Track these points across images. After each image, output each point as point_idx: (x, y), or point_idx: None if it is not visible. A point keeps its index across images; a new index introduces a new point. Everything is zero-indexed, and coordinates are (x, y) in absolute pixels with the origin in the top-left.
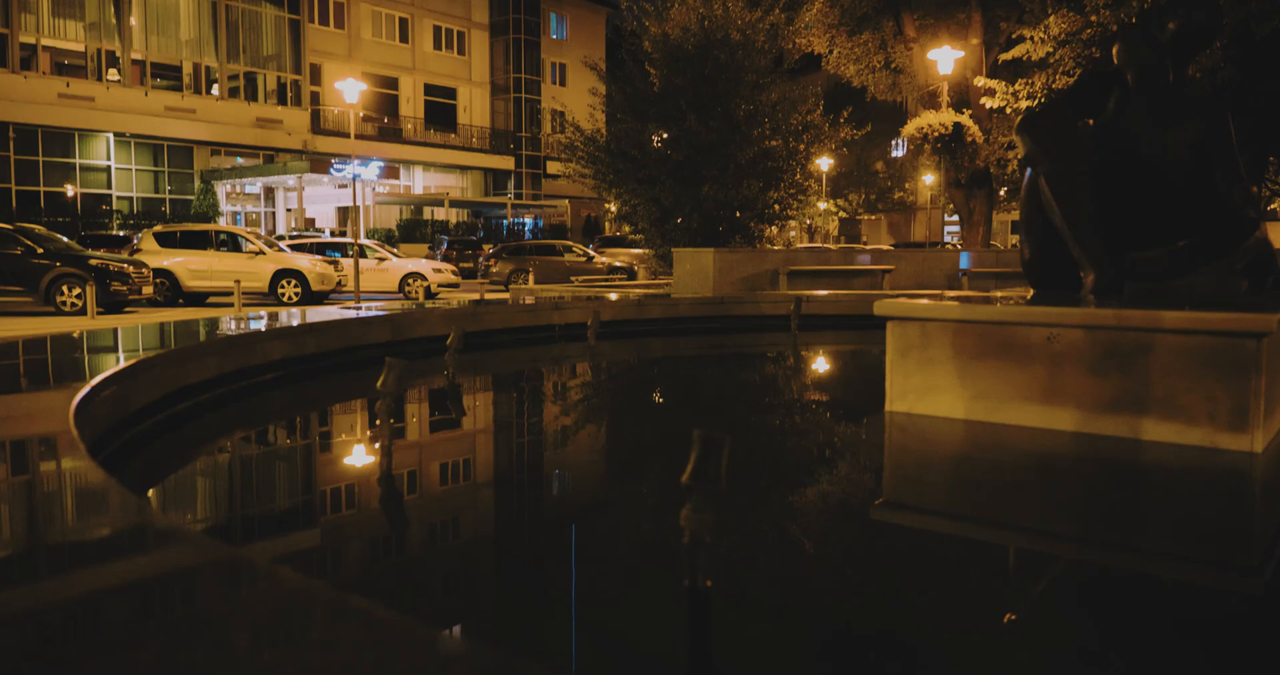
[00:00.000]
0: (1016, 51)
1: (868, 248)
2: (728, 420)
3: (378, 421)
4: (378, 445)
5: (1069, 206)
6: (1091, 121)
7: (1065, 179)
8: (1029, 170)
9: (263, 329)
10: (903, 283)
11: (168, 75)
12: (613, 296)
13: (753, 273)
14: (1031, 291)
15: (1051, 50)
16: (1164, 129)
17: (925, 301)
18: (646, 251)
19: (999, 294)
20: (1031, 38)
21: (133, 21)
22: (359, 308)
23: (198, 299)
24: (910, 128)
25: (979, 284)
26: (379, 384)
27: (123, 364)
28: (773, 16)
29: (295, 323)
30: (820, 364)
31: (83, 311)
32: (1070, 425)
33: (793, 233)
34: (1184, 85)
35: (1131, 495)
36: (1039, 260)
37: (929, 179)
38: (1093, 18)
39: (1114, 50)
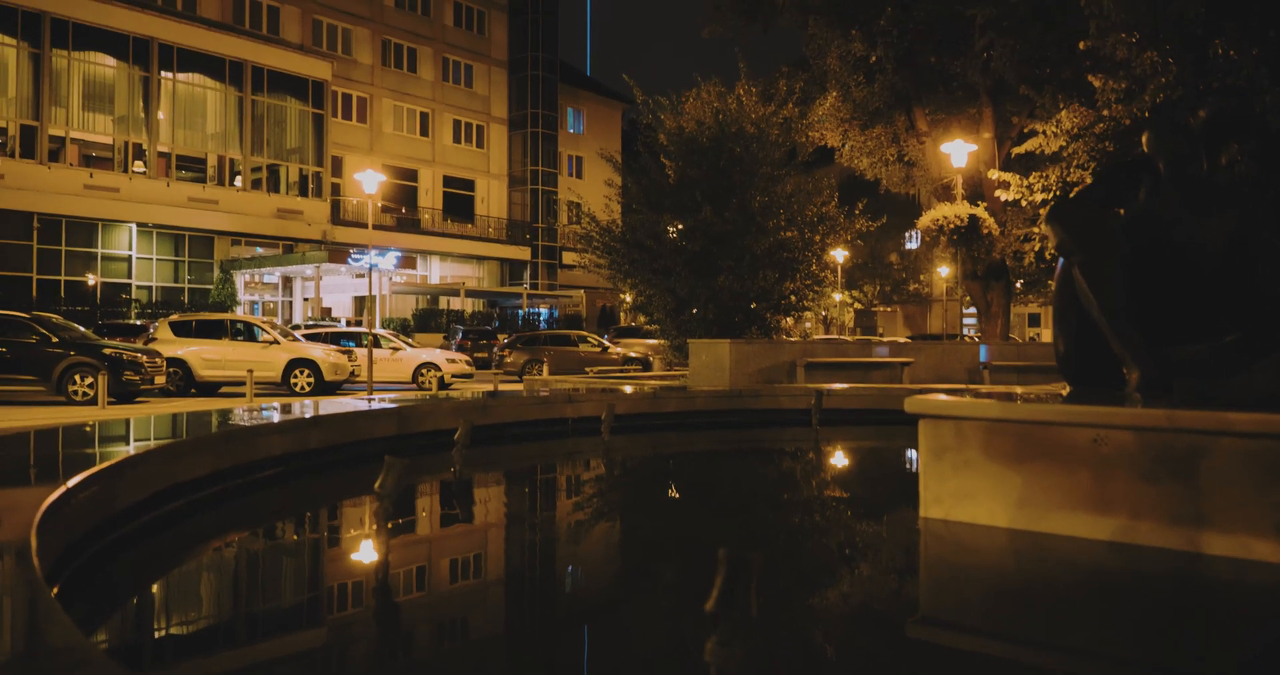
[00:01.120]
0: (1029, 145)
1: (885, 340)
2: (750, 525)
3: (374, 526)
4: (370, 553)
5: (1107, 299)
6: (1122, 211)
7: (1101, 270)
8: (1061, 261)
9: (264, 423)
10: (922, 376)
11: (192, 167)
12: (627, 389)
13: (769, 364)
14: (1068, 388)
15: (1065, 144)
16: (1199, 218)
17: (960, 398)
18: (662, 342)
19: (1033, 390)
20: (1044, 132)
21: (161, 115)
22: (369, 399)
23: (210, 389)
24: (926, 220)
25: (1000, 377)
26: (377, 485)
27: (108, 461)
28: (786, 111)
29: (301, 415)
30: (846, 462)
31: (93, 401)
32: (1122, 536)
33: (808, 324)
34: (1217, 174)
35: (1194, 617)
36: (1075, 354)
37: (944, 271)
38: (1105, 112)
39: (1143, 138)
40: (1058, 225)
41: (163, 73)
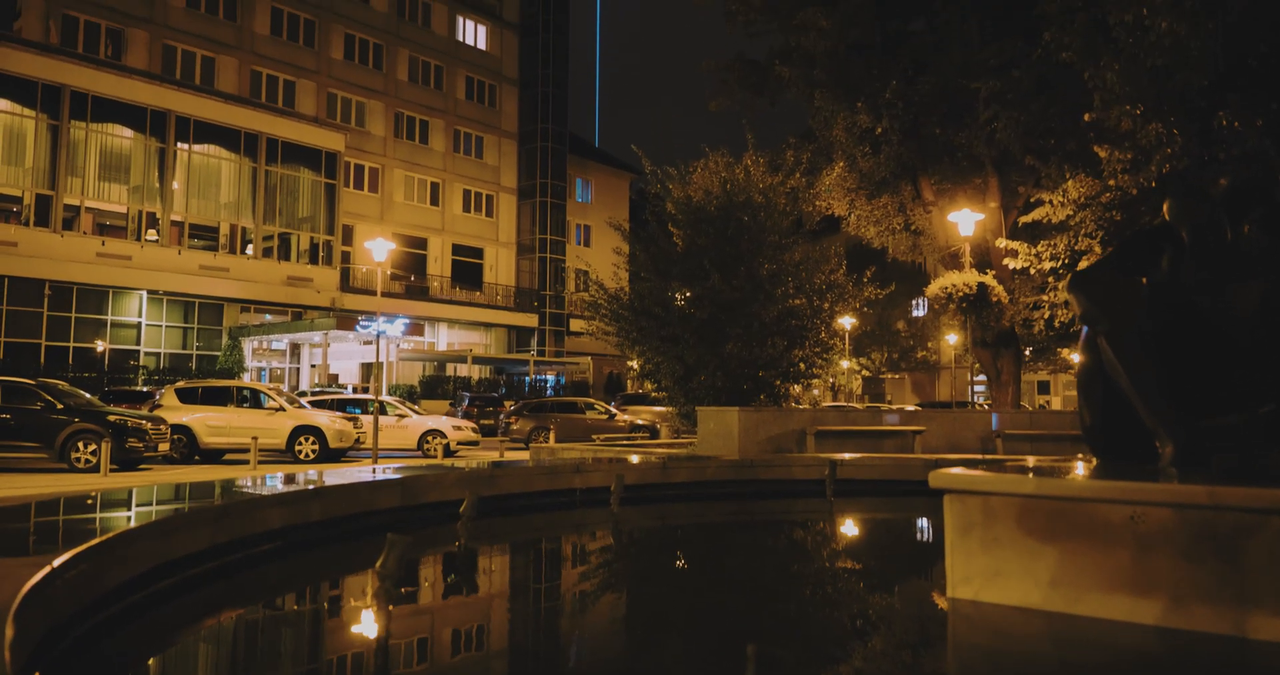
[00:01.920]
0: (1036, 214)
1: (895, 408)
2: (769, 604)
3: (374, 607)
4: (368, 635)
5: (1137, 370)
6: (1144, 280)
7: (1129, 340)
8: (1085, 330)
9: (262, 495)
10: (934, 444)
11: (204, 235)
12: (634, 459)
13: (779, 432)
14: (1093, 459)
15: (1071, 213)
16: (1227, 287)
17: (987, 473)
18: (669, 409)
19: (1058, 463)
20: (1050, 201)
21: (175, 185)
22: (372, 469)
23: (214, 456)
24: (934, 288)
25: (1014, 446)
26: (379, 565)
27: (98, 537)
28: (793, 180)
29: (302, 486)
30: (865, 536)
31: (96, 469)
32: (1163, 619)
33: (816, 391)
34: (1241, 241)
35: None
36: (1102, 426)
37: (952, 338)
38: (1111, 182)
39: (1164, 206)
40: (1081, 294)
41: (179, 144)
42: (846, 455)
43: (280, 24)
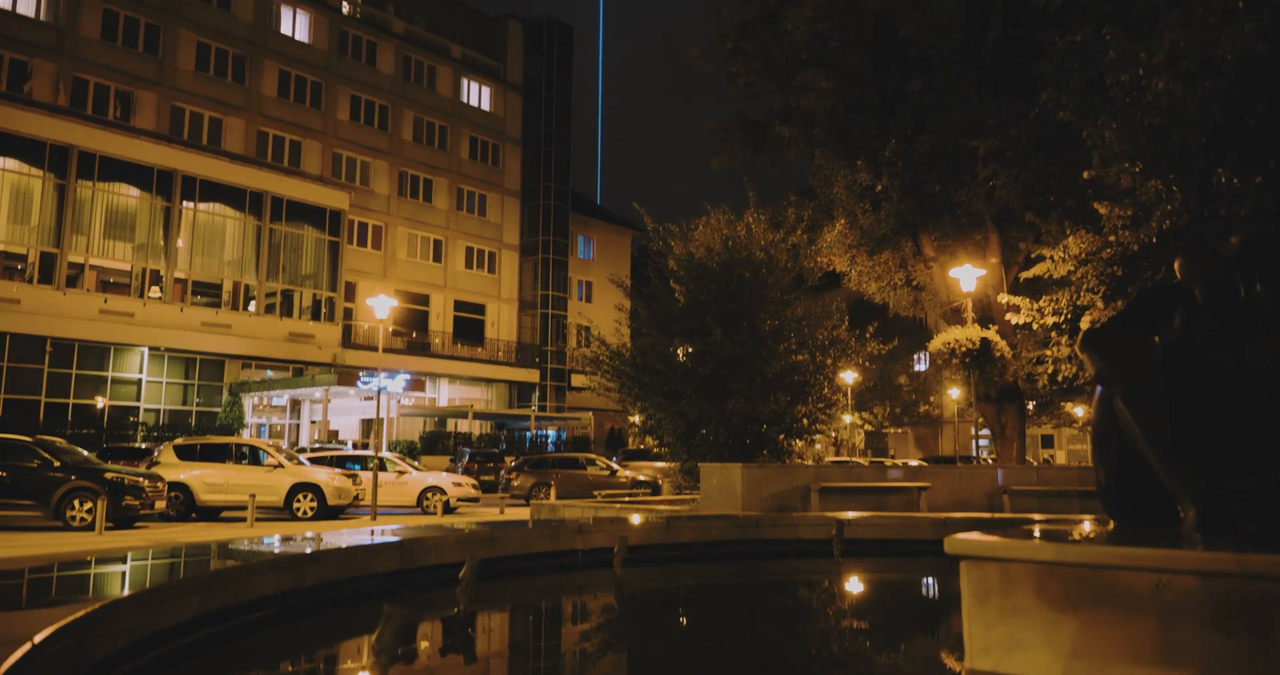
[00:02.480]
0: (1037, 270)
1: (900, 463)
2: (777, 671)
3: None
4: None
5: (1156, 431)
6: (1156, 338)
7: (1146, 400)
8: (1098, 389)
9: (256, 560)
10: (940, 501)
11: (208, 292)
12: (636, 519)
13: (783, 489)
14: (1112, 523)
15: (1073, 268)
16: (1244, 344)
17: (1005, 539)
18: (671, 465)
19: (1073, 525)
20: (1051, 257)
21: (180, 243)
22: (370, 531)
23: (211, 513)
24: (937, 343)
25: (1021, 502)
26: (374, 639)
27: (83, 609)
28: (795, 237)
29: (296, 549)
30: (874, 600)
31: (91, 527)
32: None
33: (819, 446)
34: (1255, 299)
35: None
36: (1119, 488)
37: (954, 393)
38: (1111, 238)
39: (1175, 264)
40: (1094, 353)
41: (184, 202)
42: (853, 514)
43: (287, 86)
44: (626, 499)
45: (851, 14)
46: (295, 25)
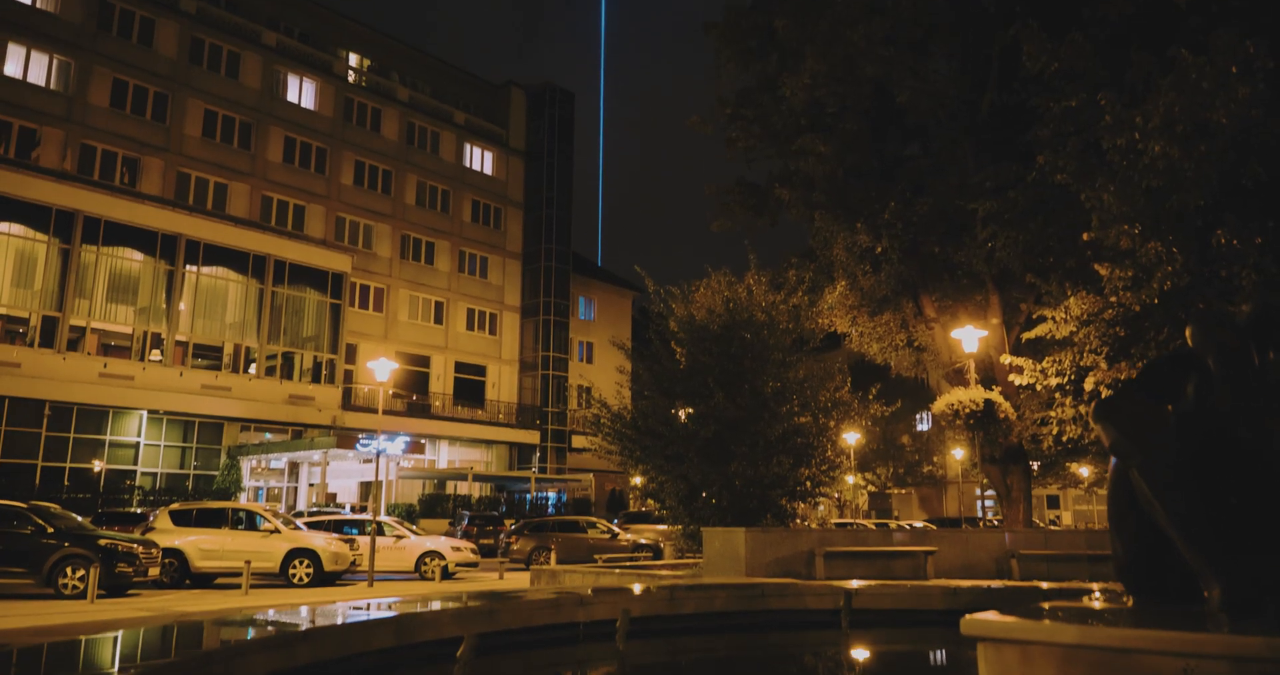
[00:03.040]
0: (1039, 331)
1: (905, 525)
2: None
3: None
4: None
5: (1178, 507)
6: (1170, 407)
7: (1165, 474)
8: (1113, 461)
9: (245, 640)
10: (947, 566)
11: (208, 355)
12: (638, 588)
13: (787, 553)
14: (1131, 600)
15: (1075, 329)
16: (1262, 416)
17: (1026, 620)
18: (673, 528)
19: (1083, 596)
20: (1052, 318)
21: (182, 306)
22: (366, 605)
23: (206, 580)
24: (940, 404)
25: (1030, 567)
26: None
27: None
28: (795, 298)
29: (288, 624)
30: None
31: (83, 595)
32: None
33: (821, 509)
34: (1270, 368)
35: None
36: (1137, 563)
37: (958, 453)
38: (1113, 299)
39: (1187, 333)
40: (1109, 425)
41: (187, 266)
42: (859, 583)
43: (293, 152)
44: (628, 563)
45: (849, 81)
46: (301, 93)
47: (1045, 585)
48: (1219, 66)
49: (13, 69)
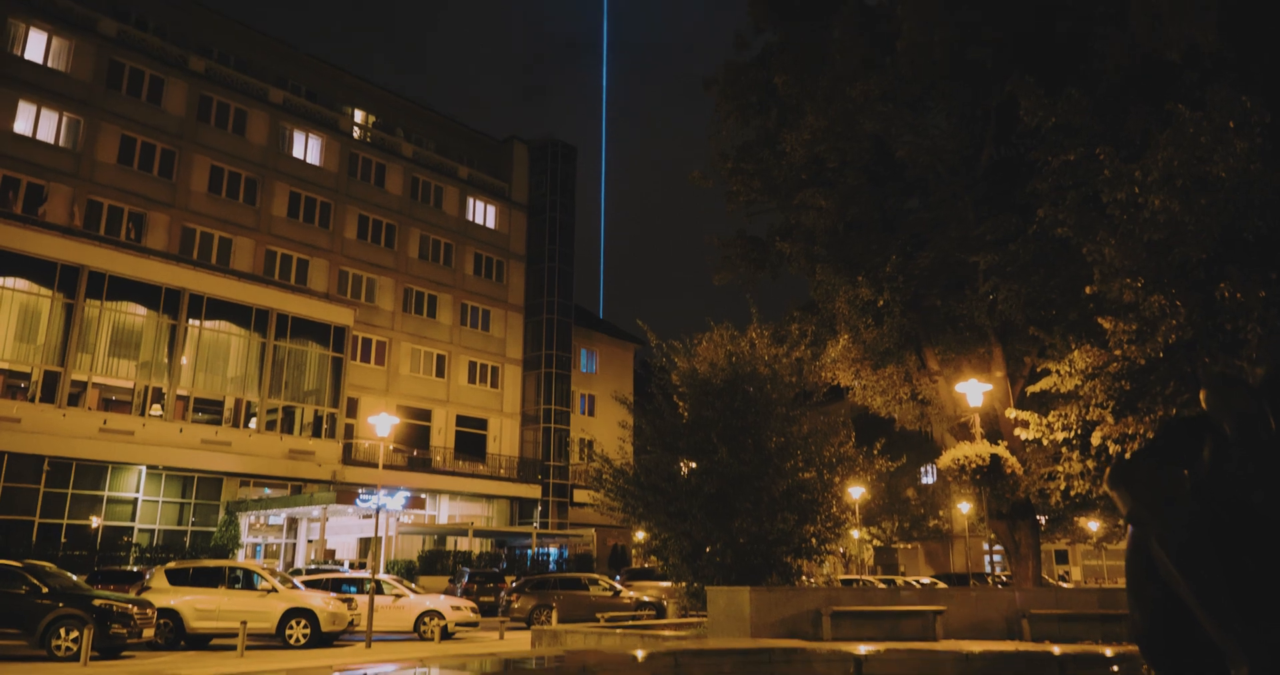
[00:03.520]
0: (1044, 384)
1: (912, 582)
2: None
3: None
4: None
5: (1202, 579)
6: (1186, 472)
7: (1187, 544)
8: (1130, 529)
9: None
10: (956, 625)
11: (209, 409)
12: (641, 654)
13: (792, 613)
14: (1150, 672)
15: (1080, 383)
16: (1278, 481)
17: None
18: (676, 586)
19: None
20: (1057, 371)
21: (184, 360)
22: (362, 672)
23: (201, 641)
24: (946, 459)
25: (1042, 627)
26: None
27: None
28: (798, 351)
29: None
30: None
31: (76, 657)
32: None
33: (828, 567)
34: None
35: None
36: (1157, 634)
37: (964, 507)
38: (1117, 352)
39: (1200, 395)
40: (1125, 491)
41: (190, 320)
42: (868, 647)
43: (297, 207)
44: (631, 623)
45: (848, 136)
46: (307, 149)
47: (1058, 649)
48: (1216, 121)
49: (22, 126)
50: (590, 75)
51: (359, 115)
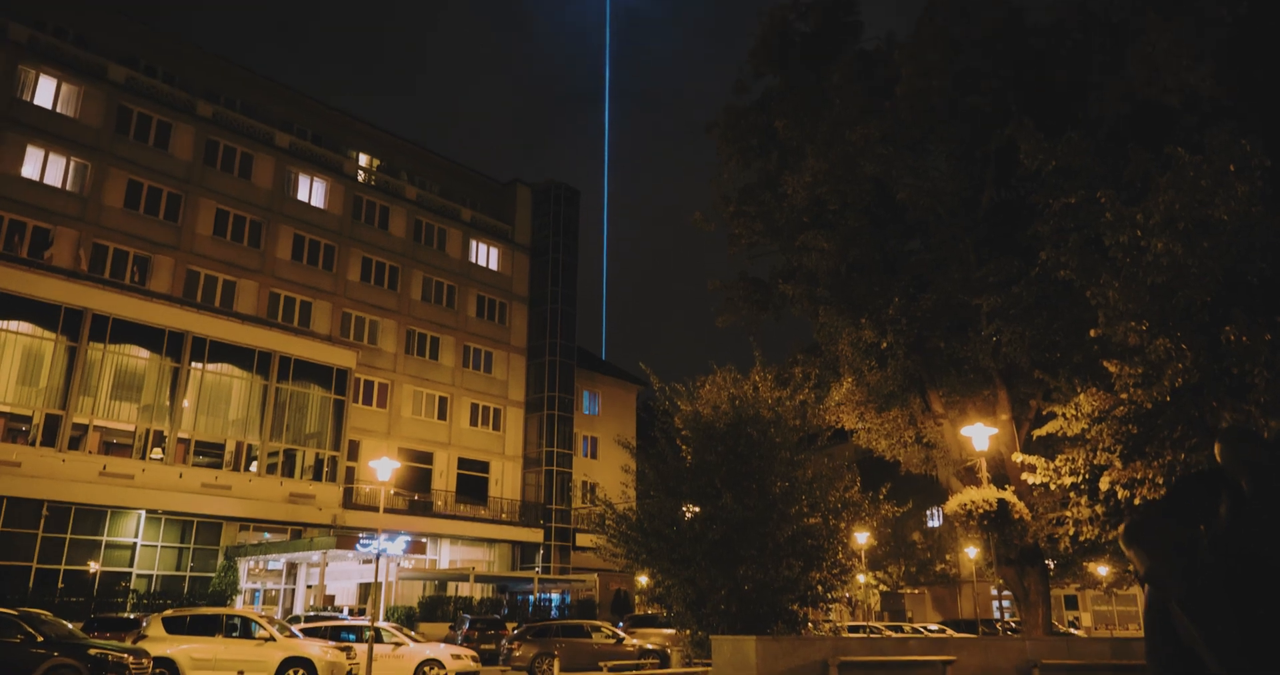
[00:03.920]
0: (1050, 427)
1: (920, 629)
2: None
3: None
4: None
5: (1223, 643)
6: (1203, 527)
7: (1206, 605)
8: (1146, 588)
9: None
10: None
11: (210, 452)
12: None
13: (799, 664)
14: None
15: (1086, 427)
16: None
17: None
18: (681, 633)
19: None
20: (1063, 414)
21: (185, 403)
22: None
23: None
24: (953, 504)
25: None
26: None
27: None
28: (802, 394)
29: None
30: None
31: None
32: None
33: (834, 615)
34: None
35: None
36: None
37: (971, 552)
38: (1123, 395)
39: (1215, 449)
40: (1141, 551)
41: (193, 363)
42: None
43: (301, 249)
44: (634, 672)
45: (849, 179)
46: (312, 192)
47: None
48: (1216, 164)
49: (30, 170)
50: (593, 119)
51: (364, 158)
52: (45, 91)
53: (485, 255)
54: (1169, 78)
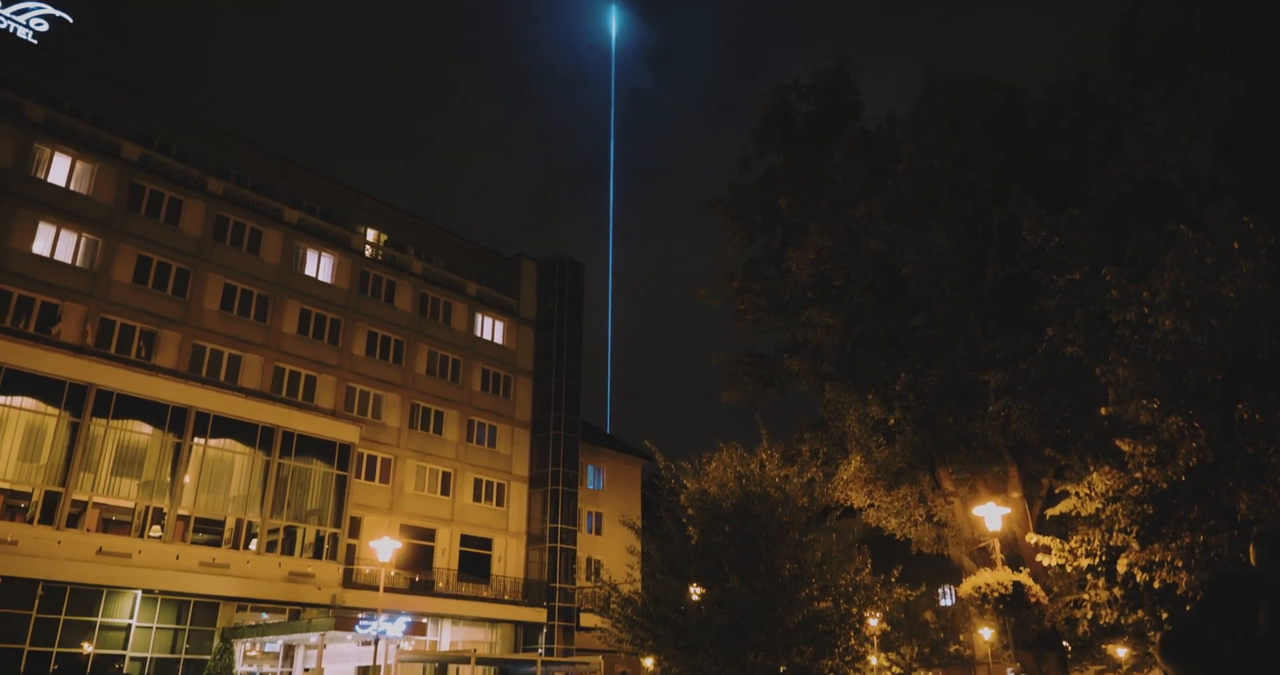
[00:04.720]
0: (1063, 506)
1: None
2: None
3: None
4: None
5: None
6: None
7: None
8: None
9: None
10: None
11: (209, 529)
12: None
13: None
14: None
15: (1100, 506)
16: None
17: None
18: None
19: None
20: (1076, 493)
21: (186, 479)
22: None
23: None
24: (967, 587)
25: None
26: None
27: None
28: (810, 472)
29: None
30: None
31: None
32: None
33: None
34: None
35: None
36: None
37: (986, 633)
38: (1137, 474)
39: (1249, 551)
40: (1182, 667)
41: (195, 439)
42: None
43: (307, 324)
44: None
45: (853, 255)
46: (319, 267)
47: None
48: (1220, 241)
49: (41, 246)
50: (598, 195)
51: (371, 233)
52: (60, 169)
53: (490, 329)
54: (1169, 155)
